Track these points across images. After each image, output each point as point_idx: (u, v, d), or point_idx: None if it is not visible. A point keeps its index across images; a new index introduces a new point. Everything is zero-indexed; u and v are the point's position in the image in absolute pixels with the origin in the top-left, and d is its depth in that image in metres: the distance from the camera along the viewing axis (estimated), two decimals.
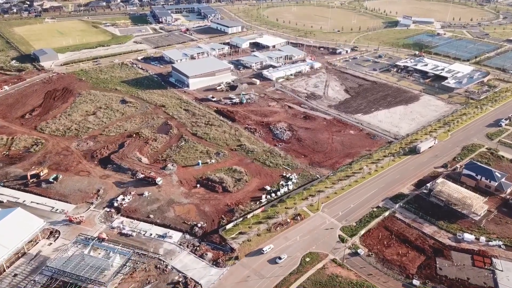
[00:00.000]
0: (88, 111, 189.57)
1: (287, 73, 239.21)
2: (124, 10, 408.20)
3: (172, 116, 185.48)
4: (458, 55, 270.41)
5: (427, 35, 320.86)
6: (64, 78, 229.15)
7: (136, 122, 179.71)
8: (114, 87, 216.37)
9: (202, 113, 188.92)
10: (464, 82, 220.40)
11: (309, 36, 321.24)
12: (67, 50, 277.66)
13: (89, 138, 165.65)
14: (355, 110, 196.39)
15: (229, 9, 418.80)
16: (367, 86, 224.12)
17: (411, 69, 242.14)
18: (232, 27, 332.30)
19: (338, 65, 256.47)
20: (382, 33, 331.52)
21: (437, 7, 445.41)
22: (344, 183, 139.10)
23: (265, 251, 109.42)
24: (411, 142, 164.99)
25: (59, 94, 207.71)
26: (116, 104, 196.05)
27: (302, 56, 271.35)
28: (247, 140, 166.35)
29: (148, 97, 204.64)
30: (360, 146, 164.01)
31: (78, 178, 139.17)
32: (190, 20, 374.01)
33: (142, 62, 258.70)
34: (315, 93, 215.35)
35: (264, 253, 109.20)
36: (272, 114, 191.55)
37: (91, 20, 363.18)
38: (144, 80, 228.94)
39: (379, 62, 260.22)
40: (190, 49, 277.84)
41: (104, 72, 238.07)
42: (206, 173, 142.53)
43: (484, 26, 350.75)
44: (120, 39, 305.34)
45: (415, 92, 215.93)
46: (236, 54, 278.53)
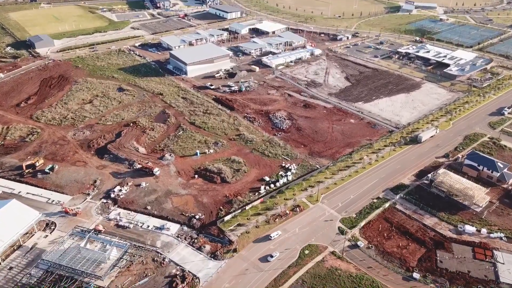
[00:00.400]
0: (85, 99, 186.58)
1: (287, 60, 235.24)
2: None
3: (170, 105, 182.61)
4: (461, 41, 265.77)
5: (429, 21, 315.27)
6: (60, 65, 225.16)
7: (133, 111, 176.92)
8: (111, 75, 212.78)
9: (200, 102, 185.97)
10: (466, 69, 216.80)
11: (309, 22, 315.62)
12: (63, 36, 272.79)
13: (85, 127, 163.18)
14: (355, 98, 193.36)
15: None
16: (368, 74, 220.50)
17: (413, 56, 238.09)
18: (231, 12, 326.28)
19: (338, 51, 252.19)
20: (383, 19, 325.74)
21: None
22: (344, 174, 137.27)
23: (272, 237, 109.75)
24: (413, 131, 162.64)
25: (55, 82, 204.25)
26: (113, 92, 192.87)
27: (302, 42, 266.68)
28: (246, 129, 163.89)
29: (146, 85, 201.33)
30: (360, 135, 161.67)
31: (75, 169, 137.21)
32: (188, 5, 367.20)
33: (140, 48, 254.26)
34: (315, 81, 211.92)
35: (272, 239, 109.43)
36: (271, 103, 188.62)
37: (88, 5, 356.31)
38: (142, 67, 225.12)
39: (380, 49, 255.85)
40: (188, 35, 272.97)
41: (101, 59, 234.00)
42: (204, 164, 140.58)
43: (488, 12, 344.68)
44: (117, 25, 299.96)
45: (416, 80, 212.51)
46: (235, 40, 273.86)
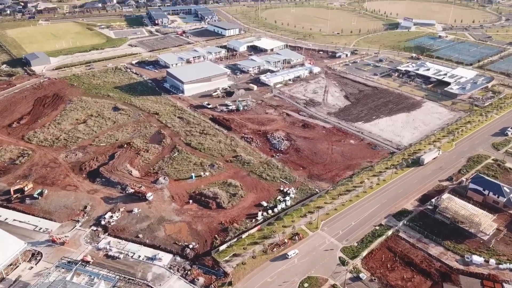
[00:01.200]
0: (79, 119, 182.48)
1: (285, 78, 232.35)
2: (120, 11, 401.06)
3: (166, 125, 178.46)
4: (461, 59, 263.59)
5: (428, 38, 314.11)
6: (56, 83, 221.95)
7: (128, 131, 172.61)
8: (106, 93, 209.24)
9: (197, 121, 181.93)
10: (467, 88, 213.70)
11: (308, 39, 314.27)
12: (60, 53, 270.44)
13: (78, 148, 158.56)
14: (355, 118, 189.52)
15: (226, 11, 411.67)
16: (368, 92, 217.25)
17: (413, 74, 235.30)
18: (230, 29, 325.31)
19: (337, 69, 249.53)
20: (382, 36, 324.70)
21: (438, 8, 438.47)
22: (345, 198, 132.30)
23: (289, 255, 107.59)
24: (414, 153, 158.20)
25: (49, 101, 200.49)
26: (108, 112, 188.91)
27: (300, 60, 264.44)
28: (243, 150, 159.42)
29: (142, 104, 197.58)
30: (361, 157, 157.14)
31: (65, 193, 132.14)
32: (187, 22, 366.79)
33: (137, 66, 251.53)
34: (314, 100, 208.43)
35: (289, 257, 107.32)
36: (269, 122, 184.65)
37: (86, 22, 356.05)
38: (138, 85, 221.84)
39: (380, 67, 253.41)
40: (186, 52, 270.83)
41: (97, 77, 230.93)
42: (199, 187, 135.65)
43: (487, 29, 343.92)
44: (114, 42, 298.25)
45: (417, 99, 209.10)
46: (233, 57, 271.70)
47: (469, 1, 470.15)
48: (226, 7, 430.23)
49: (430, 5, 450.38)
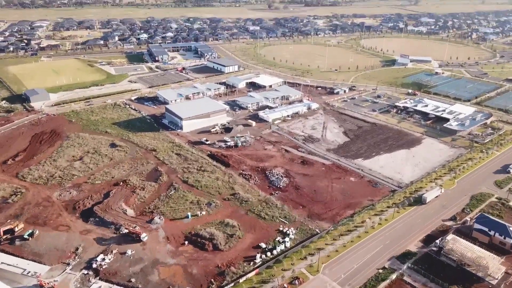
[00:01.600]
0: (75, 156, 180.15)
1: (283, 114, 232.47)
2: (121, 48, 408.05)
3: (163, 161, 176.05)
4: (458, 95, 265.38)
5: (425, 74, 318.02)
6: (54, 119, 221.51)
7: (124, 169, 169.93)
8: (104, 130, 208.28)
9: (195, 158, 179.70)
10: (466, 124, 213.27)
11: (306, 75, 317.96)
12: (60, 89, 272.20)
13: (72, 186, 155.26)
14: (355, 154, 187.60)
15: (226, 48, 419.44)
16: (367, 128, 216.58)
17: (411, 110, 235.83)
18: (229, 66, 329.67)
19: (336, 105, 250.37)
20: (380, 72, 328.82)
21: (433, 45, 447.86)
22: (346, 239, 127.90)
23: None
24: (416, 191, 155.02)
25: (47, 137, 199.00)
26: (105, 148, 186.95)
27: (299, 96, 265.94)
28: (241, 188, 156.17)
29: (139, 141, 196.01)
30: (362, 195, 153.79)
31: (56, 234, 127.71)
32: (187, 58, 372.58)
33: (136, 102, 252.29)
34: (312, 136, 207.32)
35: None
36: (268, 159, 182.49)
37: (87, 58, 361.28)
38: (137, 121, 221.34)
39: (378, 103, 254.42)
40: (185, 89, 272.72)
41: (96, 113, 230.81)
42: (195, 228, 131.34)
43: (482, 65, 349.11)
44: (114, 78, 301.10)
45: (416, 135, 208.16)
46: (232, 94, 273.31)
47: (463, 38, 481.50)
48: (225, 45, 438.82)
49: (425, 43, 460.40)
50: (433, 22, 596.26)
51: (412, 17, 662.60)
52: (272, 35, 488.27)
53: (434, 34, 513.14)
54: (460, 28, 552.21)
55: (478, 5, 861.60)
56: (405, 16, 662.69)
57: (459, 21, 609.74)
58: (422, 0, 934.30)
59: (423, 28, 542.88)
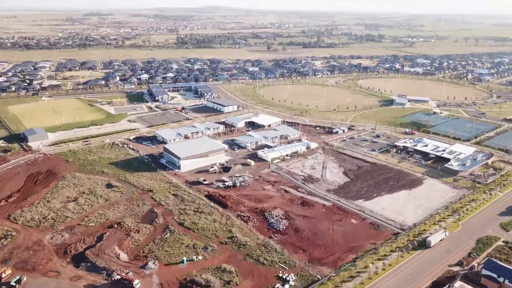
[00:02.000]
0: (70, 196, 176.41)
1: (282, 153, 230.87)
2: (122, 88, 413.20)
3: (159, 203, 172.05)
4: (458, 134, 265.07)
5: (423, 114, 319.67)
6: (51, 159, 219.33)
7: (119, 210, 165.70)
8: (101, 170, 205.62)
9: (192, 199, 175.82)
10: (468, 164, 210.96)
11: (304, 115, 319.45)
12: (59, 129, 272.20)
13: (65, 229, 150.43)
14: (355, 195, 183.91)
15: (226, 88, 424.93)
16: (367, 168, 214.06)
17: (411, 149, 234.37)
18: (228, 106, 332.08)
19: (335, 145, 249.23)
20: (378, 112, 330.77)
21: (430, 85, 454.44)
22: (349, 286, 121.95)
23: None
24: (420, 234, 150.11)
25: (42, 178, 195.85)
26: (100, 189, 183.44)
27: (297, 135, 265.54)
28: (239, 230, 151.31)
29: (136, 181, 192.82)
30: (364, 238, 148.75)
31: (45, 280, 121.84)
32: (186, 98, 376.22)
33: (134, 142, 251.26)
34: (312, 176, 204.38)
35: None
36: (267, 199, 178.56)
37: (88, 98, 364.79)
38: (134, 161, 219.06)
39: (377, 142, 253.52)
40: (184, 128, 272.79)
41: (93, 153, 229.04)
42: (191, 273, 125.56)
43: (479, 105, 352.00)
44: (114, 117, 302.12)
45: (417, 175, 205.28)
46: (231, 133, 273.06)
47: (459, 79, 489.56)
48: (225, 85, 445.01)
49: (422, 83, 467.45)
50: (429, 63, 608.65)
51: (408, 58, 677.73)
52: (271, 76, 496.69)
53: (430, 75, 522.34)
54: (456, 69, 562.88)
55: (472, 47, 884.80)
56: (401, 58, 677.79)
57: (454, 62, 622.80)
58: (417, 43, 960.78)
59: (419, 69, 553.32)
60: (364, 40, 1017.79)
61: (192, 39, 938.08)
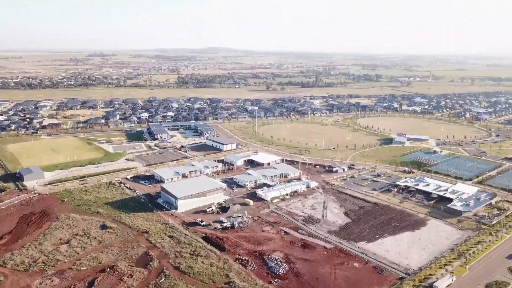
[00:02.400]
0: (62, 238, 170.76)
1: (282, 192, 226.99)
2: (121, 127, 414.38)
3: (155, 245, 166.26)
4: (459, 174, 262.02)
5: (424, 153, 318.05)
6: (45, 199, 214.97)
7: (113, 253, 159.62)
8: (96, 210, 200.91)
9: (188, 241, 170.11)
10: (471, 204, 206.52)
11: (304, 153, 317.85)
12: (56, 168, 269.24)
13: (56, 273, 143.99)
14: (357, 237, 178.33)
15: (225, 127, 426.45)
16: (369, 209, 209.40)
17: (413, 189, 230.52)
18: (227, 144, 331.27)
19: (335, 184, 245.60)
20: (378, 150, 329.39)
21: (428, 124, 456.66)
22: None
23: None
24: (426, 279, 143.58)
25: (35, 219, 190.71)
26: (95, 230, 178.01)
27: (297, 174, 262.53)
28: (237, 275, 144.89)
29: (132, 222, 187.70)
30: (367, 283, 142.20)
31: None
32: (186, 137, 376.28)
33: (131, 181, 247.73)
34: (312, 216, 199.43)
35: None
36: (266, 242, 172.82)
37: (87, 136, 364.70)
38: (130, 201, 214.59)
39: (378, 181, 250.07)
40: (182, 167, 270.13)
41: (89, 193, 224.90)
42: None
43: (479, 144, 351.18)
44: (112, 156, 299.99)
45: (420, 216, 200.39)
46: (230, 172, 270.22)
47: (458, 118, 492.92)
48: (225, 124, 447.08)
49: (420, 122, 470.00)
50: (427, 102, 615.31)
51: (406, 97, 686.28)
52: (270, 115, 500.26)
53: (429, 114, 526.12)
54: (453, 108, 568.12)
55: (468, 86, 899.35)
56: (399, 97, 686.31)
57: (451, 101, 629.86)
58: (414, 82, 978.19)
59: (417, 108, 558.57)
60: (362, 80, 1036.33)
61: (193, 79, 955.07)
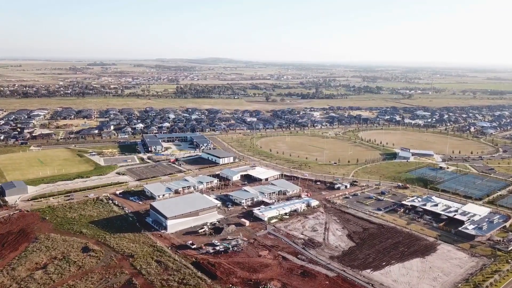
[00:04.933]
0: (39, 263, 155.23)
1: (280, 212, 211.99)
2: (115, 138, 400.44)
3: (140, 271, 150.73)
4: (469, 192, 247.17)
5: (429, 169, 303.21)
6: (26, 217, 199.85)
7: (93, 281, 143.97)
8: (79, 229, 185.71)
9: (177, 267, 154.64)
10: (484, 228, 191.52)
11: (304, 168, 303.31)
12: (42, 181, 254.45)
13: None
14: (362, 263, 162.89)
15: (222, 139, 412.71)
16: (373, 231, 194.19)
17: (420, 209, 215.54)
18: (224, 157, 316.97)
19: (337, 202, 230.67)
20: (381, 166, 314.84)
21: (432, 138, 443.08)
22: None
23: None
24: None
25: (12, 239, 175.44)
26: (75, 254, 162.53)
27: (297, 191, 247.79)
28: None
29: (116, 243, 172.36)
30: None
31: None
32: (181, 149, 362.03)
33: (120, 197, 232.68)
34: (313, 239, 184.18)
35: None
36: (262, 269, 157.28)
37: (78, 148, 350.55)
38: (117, 220, 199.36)
39: (383, 200, 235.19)
40: (175, 182, 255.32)
41: (74, 210, 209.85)
42: None
43: (487, 160, 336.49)
44: (102, 169, 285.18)
45: (430, 240, 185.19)
46: (225, 187, 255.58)
47: (462, 132, 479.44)
48: (222, 135, 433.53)
49: (424, 136, 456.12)
50: (429, 115, 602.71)
51: (408, 110, 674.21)
52: (269, 127, 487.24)
53: (432, 127, 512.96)
54: (457, 122, 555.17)
55: (470, 99, 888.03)
56: (401, 109, 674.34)
57: (454, 114, 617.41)
58: (415, 95, 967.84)
59: (420, 121, 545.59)
60: (363, 92, 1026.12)
61: (192, 89, 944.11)
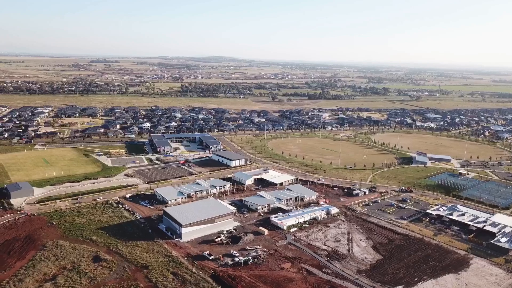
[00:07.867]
0: (47, 274, 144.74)
1: (300, 220, 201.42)
2: (121, 137, 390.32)
3: (156, 285, 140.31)
4: (495, 201, 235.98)
5: (449, 175, 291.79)
6: (32, 221, 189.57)
7: None
8: (89, 236, 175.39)
9: (195, 280, 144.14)
10: None
11: (319, 173, 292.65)
12: (48, 183, 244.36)
13: None
14: (393, 279, 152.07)
15: (231, 139, 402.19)
16: (400, 242, 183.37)
17: (447, 219, 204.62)
18: (235, 160, 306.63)
19: (358, 210, 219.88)
20: (398, 171, 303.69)
21: (447, 142, 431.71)
22: None
23: None
24: None
25: (18, 246, 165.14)
26: (86, 264, 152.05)
27: (314, 197, 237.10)
28: None
29: (129, 253, 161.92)
30: None
31: None
32: (190, 150, 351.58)
33: (130, 201, 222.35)
34: (337, 251, 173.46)
35: None
36: (286, 284, 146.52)
37: (84, 147, 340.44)
38: (128, 226, 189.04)
39: (405, 208, 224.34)
40: (187, 186, 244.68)
41: (82, 214, 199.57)
42: None
43: (507, 166, 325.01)
44: (110, 170, 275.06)
45: (461, 253, 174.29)
46: (239, 192, 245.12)
47: (477, 136, 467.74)
48: (231, 136, 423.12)
49: (439, 140, 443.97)
50: (440, 118, 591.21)
51: (417, 112, 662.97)
52: (278, 128, 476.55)
53: (445, 131, 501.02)
54: (470, 125, 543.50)
55: (479, 102, 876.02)
56: (410, 111, 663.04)
57: (466, 117, 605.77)
58: (423, 97, 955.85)
59: (432, 124, 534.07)
60: (369, 93, 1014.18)
61: (197, 88, 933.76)
